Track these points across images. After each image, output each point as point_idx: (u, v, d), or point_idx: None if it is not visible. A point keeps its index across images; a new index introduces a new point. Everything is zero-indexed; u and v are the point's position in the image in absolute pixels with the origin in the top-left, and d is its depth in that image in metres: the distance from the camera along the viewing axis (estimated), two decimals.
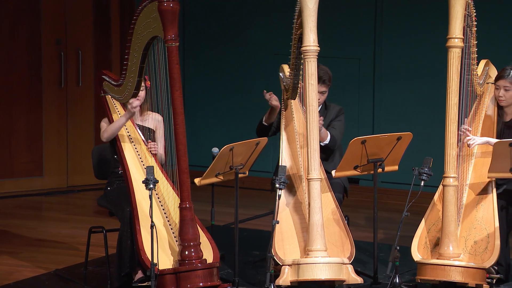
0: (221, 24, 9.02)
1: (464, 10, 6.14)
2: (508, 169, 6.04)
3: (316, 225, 6.10)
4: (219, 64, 9.06)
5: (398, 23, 8.38)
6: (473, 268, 6.02)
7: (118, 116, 6.31)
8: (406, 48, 8.35)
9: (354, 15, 8.52)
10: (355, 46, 8.52)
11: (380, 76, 8.48)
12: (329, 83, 6.58)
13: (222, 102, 9.06)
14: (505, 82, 6.33)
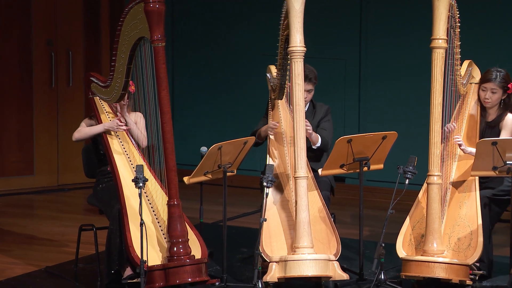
0: (209, 25, 9.02)
1: (447, 11, 6.16)
2: (490, 168, 6.07)
3: (303, 222, 6.11)
4: (207, 64, 9.06)
5: (383, 24, 8.40)
6: (456, 265, 6.04)
7: (107, 116, 6.32)
8: (391, 49, 8.37)
9: (340, 16, 8.53)
10: (341, 47, 8.53)
11: (365, 76, 8.50)
12: (315, 81, 6.59)
13: (210, 101, 9.06)
14: (493, 85, 6.35)
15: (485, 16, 8.03)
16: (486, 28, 8.02)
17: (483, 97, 6.40)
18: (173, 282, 5.85)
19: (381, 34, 8.40)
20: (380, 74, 8.44)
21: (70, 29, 8.75)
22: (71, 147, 8.70)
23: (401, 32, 8.30)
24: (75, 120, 8.76)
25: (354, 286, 6.16)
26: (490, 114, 6.46)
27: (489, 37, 8.00)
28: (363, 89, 8.50)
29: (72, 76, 8.77)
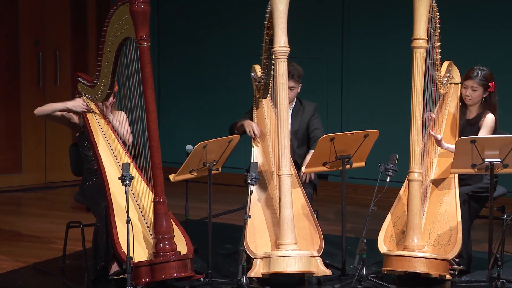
0: (195, 25, 9.01)
1: (428, 12, 6.18)
2: (469, 165, 6.09)
3: (287, 219, 6.12)
4: (193, 63, 9.06)
5: (365, 25, 8.42)
6: (436, 260, 6.07)
7: (93, 116, 6.31)
8: (372, 49, 8.39)
9: (323, 16, 8.55)
10: (324, 47, 8.55)
11: (347, 76, 8.52)
12: (298, 79, 6.60)
13: (196, 100, 9.06)
14: (473, 83, 6.38)
15: (466, 18, 8.06)
16: (467, 29, 8.05)
17: (464, 94, 6.43)
18: (159, 278, 5.86)
19: (363, 34, 8.42)
20: (362, 73, 8.46)
21: (57, 30, 8.73)
22: (59, 146, 8.68)
23: (383, 33, 8.32)
24: None
25: (337, 281, 6.17)
26: (471, 112, 6.49)
27: (469, 38, 8.03)
28: (345, 88, 8.52)
29: (59, 75, 8.75)
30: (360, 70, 8.46)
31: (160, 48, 9.07)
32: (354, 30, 8.44)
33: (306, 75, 6.75)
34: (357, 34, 8.44)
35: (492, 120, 6.37)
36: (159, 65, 9.11)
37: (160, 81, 9.08)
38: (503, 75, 7.80)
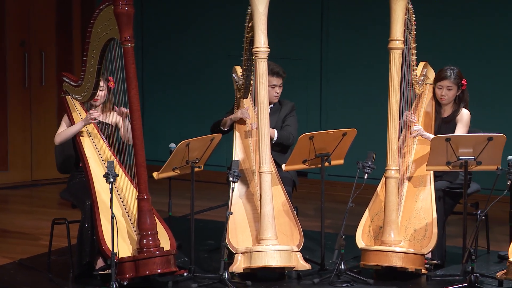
0: (178, 27, 9.00)
1: (404, 14, 6.21)
2: (444, 163, 6.12)
3: (267, 215, 6.13)
4: (176, 64, 9.05)
5: (344, 26, 8.44)
6: (412, 254, 6.09)
7: (78, 115, 6.29)
8: (351, 50, 8.41)
9: (302, 18, 8.56)
10: (303, 48, 8.56)
11: (326, 75, 8.54)
12: (284, 74, 6.61)
13: (179, 100, 9.06)
14: (448, 83, 6.41)
15: (441, 20, 8.10)
16: (442, 29, 8.08)
17: (440, 95, 6.45)
18: (143, 273, 5.85)
19: (341, 36, 8.44)
20: (340, 73, 8.48)
21: (42, 31, 8.70)
22: (44, 144, 8.65)
23: (361, 34, 8.35)
24: (48, 118, 8.73)
25: (316, 275, 6.18)
26: (445, 110, 6.53)
27: (444, 39, 8.07)
28: (324, 88, 8.54)
29: (45, 76, 8.72)
30: (338, 70, 8.49)
31: (144, 48, 9.06)
32: (333, 31, 8.46)
33: (286, 75, 6.76)
34: (335, 35, 8.46)
35: (467, 115, 6.42)
36: (143, 65, 9.10)
37: (143, 81, 9.06)
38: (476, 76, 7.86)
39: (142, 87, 8.95)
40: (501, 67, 7.93)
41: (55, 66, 8.74)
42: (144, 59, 9.10)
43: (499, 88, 7.94)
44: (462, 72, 6.47)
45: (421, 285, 6.07)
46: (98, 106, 6.22)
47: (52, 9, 8.73)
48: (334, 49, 8.46)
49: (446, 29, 8.07)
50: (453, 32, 8.05)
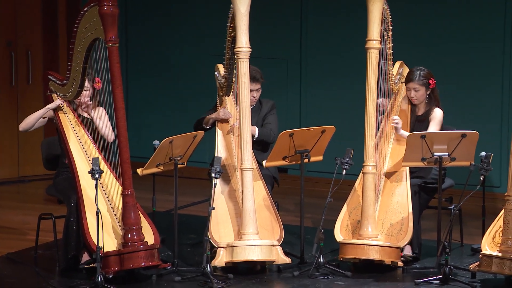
0: (161, 26, 8.98)
1: (381, 15, 6.23)
2: (420, 159, 6.15)
3: (249, 210, 6.13)
4: (159, 63, 9.03)
5: (322, 27, 8.45)
6: (389, 247, 6.12)
7: (64, 113, 6.27)
8: (329, 50, 8.43)
9: (282, 19, 8.57)
10: (283, 48, 8.57)
11: (306, 75, 8.55)
12: (262, 80, 6.62)
13: (162, 98, 9.04)
14: (414, 84, 6.44)
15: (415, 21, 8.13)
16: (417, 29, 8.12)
17: (410, 96, 6.50)
18: (127, 267, 5.84)
19: (320, 36, 8.45)
20: (319, 73, 8.50)
21: (29, 31, 8.67)
22: (31, 142, 8.62)
23: (339, 34, 8.36)
24: None
25: (296, 268, 6.20)
26: (419, 109, 6.56)
27: (419, 39, 8.10)
28: (303, 87, 8.55)
29: (32, 75, 8.70)
30: (317, 69, 8.50)
31: (128, 48, 9.03)
32: (312, 32, 8.48)
33: (266, 74, 6.77)
34: (314, 35, 8.47)
35: (440, 113, 6.45)
36: (127, 64, 9.07)
37: (128, 79, 9.04)
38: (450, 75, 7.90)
39: (126, 85, 8.92)
40: (474, 68, 7.97)
41: (41, 65, 8.72)
42: (128, 58, 9.07)
43: (473, 87, 7.98)
44: (434, 72, 6.49)
45: (397, 277, 6.09)
46: (54, 105, 6.22)
47: (38, 10, 8.71)
48: (313, 48, 8.48)
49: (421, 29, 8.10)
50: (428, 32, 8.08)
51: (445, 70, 6.88)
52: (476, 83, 7.96)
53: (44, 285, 5.92)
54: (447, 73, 7.51)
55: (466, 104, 7.94)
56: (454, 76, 7.88)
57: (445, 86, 6.57)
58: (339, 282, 6.00)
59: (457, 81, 7.92)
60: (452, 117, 6.73)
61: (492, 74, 7.88)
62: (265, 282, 6.01)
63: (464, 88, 7.96)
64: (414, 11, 8.09)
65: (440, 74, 6.54)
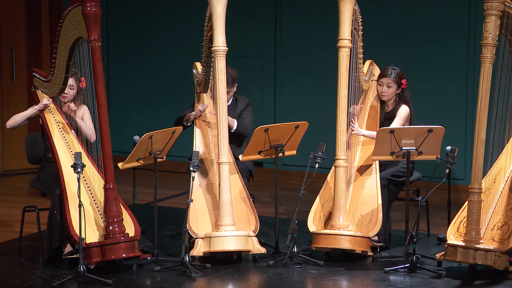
0: (142, 26, 8.96)
1: (351, 16, 6.26)
2: (389, 153, 6.19)
3: (226, 203, 6.14)
4: (140, 61, 9.01)
5: (296, 26, 8.47)
6: (359, 237, 6.15)
7: (49, 110, 6.25)
8: (303, 48, 8.45)
9: (257, 18, 8.57)
10: (258, 46, 8.58)
11: (280, 73, 8.57)
12: (232, 84, 6.59)
13: (142, 95, 9.02)
14: (388, 80, 6.48)
15: (383, 20, 8.17)
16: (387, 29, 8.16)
17: (380, 91, 6.52)
18: (109, 258, 5.84)
19: (294, 35, 8.47)
20: (293, 71, 8.52)
21: (13, 30, 8.61)
22: (15, 136, 8.57)
23: (312, 33, 8.38)
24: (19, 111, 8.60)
25: (271, 258, 6.21)
26: (388, 107, 6.60)
27: (388, 39, 8.14)
28: (278, 84, 8.56)
29: (16, 72, 8.65)
30: (291, 67, 8.52)
31: (109, 47, 9.00)
32: (286, 32, 8.49)
33: (242, 72, 6.77)
34: (288, 35, 8.49)
35: (405, 111, 6.48)
36: (109, 62, 9.04)
37: (109, 77, 9.01)
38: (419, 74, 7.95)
39: (107, 83, 8.90)
40: (439, 65, 8.02)
41: (25, 64, 8.67)
42: (109, 56, 9.04)
43: (439, 83, 8.04)
44: (405, 71, 6.53)
45: (367, 265, 6.13)
46: (44, 106, 6.19)
47: (21, 10, 8.66)
48: (287, 47, 8.49)
49: (389, 29, 8.14)
50: (395, 31, 8.13)
51: (412, 68, 6.92)
52: (442, 80, 8.02)
53: (29, 275, 5.89)
54: (414, 70, 7.55)
55: (432, 100, 8.00)
56: (420, 73, 7.93)
57: (412, 83, 6.60)
58: (312, 271, 6.03)
59: (423, 78, 7.96)
60: (420, 113, 6.77)
61: (457, 71, 7.94)
62: (241, 271, 6.02)
63: (431, 84, 8.02)
64: (382, 11, 8.13)
65: (407, 71, 6.57)
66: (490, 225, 5.93)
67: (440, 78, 8.02)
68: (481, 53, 5.83)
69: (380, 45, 7.97)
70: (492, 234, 5.89)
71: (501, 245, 5.83)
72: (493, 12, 5.78)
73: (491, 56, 5.82)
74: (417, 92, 6.82)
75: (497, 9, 5.77)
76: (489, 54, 5.81)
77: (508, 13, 5.83)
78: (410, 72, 6.62)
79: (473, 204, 5.86)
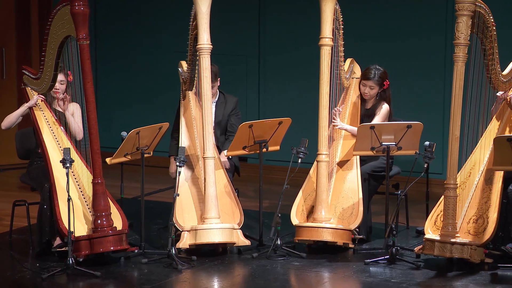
0: (129, 25, 8.94)
1: (333, 15, 6.27)
2: (369, 148, 6.21)
3: (211, 196, 6.15)
4: (127, 60, 8.99)
5: (279, 25, 8.48)
6: (341, 230, 6.17)
7: (39, 107, 6.23)
8: (286, 46, 8.46)
9: (242, 17, 8.58)
10: (243, 45, 8.58)
11: (264, 70, 8.57)
12: (215, 78, 6.57)
13: (130, 92, 9.01)
14: (371, 83, 6.49)
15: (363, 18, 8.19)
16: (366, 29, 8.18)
17: (363, 91, 6.54)
18: (97, 250, 5.83)
19: (277, 33, 8.47)
20: (276, 68, 8.52)
21: (3, 29, 8.58)
22: (5, 133, 8.48)
23: (295, 32, 8.39)
24: (9, 108, 8.55)
25: (255, 250, 6.22)
26: (368, 103, 6.62)
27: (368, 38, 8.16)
28: (262, 81, 8.57)
29: (6, 70, 8.61)
30: (275, 65, 8.52)
31: (98, 45, 8.98)
32: (270, 30, 8.50)
33: (227, 69, 6.78)
34: (272, 33, 8.50)
35: (386, 109, 6.51)
36: (97, 60, 9.02)
37: (97, 74, 8.99)
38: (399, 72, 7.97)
39: (96, 80, 8.87)
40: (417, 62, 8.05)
41: (15, 61, 8.64)
42: (98, 54, 9.02)
43: (417, 80, 8.07)
44: (384, 68, 6.55)
45: (349, 257, 6.15)
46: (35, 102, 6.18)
47: (11, 8, 8.62)
48: (271, 45, 8.50)
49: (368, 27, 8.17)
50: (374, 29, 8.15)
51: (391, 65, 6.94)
52: (420, 77, 8.05)
53: (19, 267, 5.88)
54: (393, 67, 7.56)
55: (411, 97, 8.03)
56: (399, 70, 7.95)
57: (391, 80, 6.63)
58: (295, 263, 6.05)
59: (402, 74, 7.99)
60: (398, 109, 6.80)
61: (435, 68, 7.97)
62: (226, 264, 6.03)
63: (409, 81, 8.05)
64: (362, 10, 8.15)
65: (387, 68, 6.60)
66: (466, 218, 5.97)
67: (419, 75, 8.05)
68: (454, 53, 5.85)
69: (360, 41, 7.99)
70: (468, 227, 5.93)
71: (477, 238, 5.87)
72: (464, 12, 5.81)
73: (464, 56, 5.85)
74: (396, 89, 6.84)
75: (468, 10, 5.80)
76: (461, 54, 5.84)
77: (479, 12, 5.86)
78: (390, 70, 6.64)
79: (449, 199, 5.89)
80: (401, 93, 7.76)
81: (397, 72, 7.85)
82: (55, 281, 5.65)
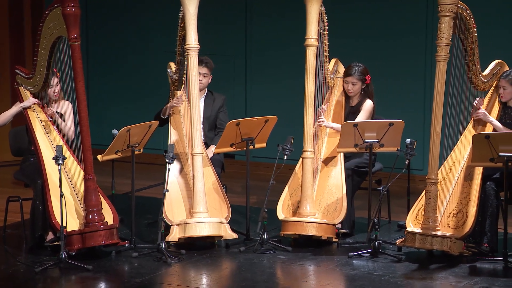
0: (120, 26, 8.93)
1: (318, 16, 6.29)
2: (352, 145, 6.23)
3: (199, 191, 6.16)
4: (118, 60, 8.98)
5: (266, 25, 8.49)
6: (325, 224, 6.20)
7: (32, 107, 6.22)
8: (272, 46, 8.47)
9: (229, 18, 8.58)
10: (230, 45, 8.59)
11: (250, 70, 8.59)
12: (211, 68, 6.58)
13: (120, 91, 9.00)
14: (352, 79, 6.52)
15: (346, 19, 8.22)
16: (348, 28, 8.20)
17: (347, 88, 6.57)
18: (89, 245, 5.84)
19: (264, 34, 8.48)
20: (263, 68, 8.54)
21: None
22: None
23: (281, 32, 8.40)
24: (2, 107, 8.53)
25: (242, 244, 6.24)
26: (353, 101, 6.65)
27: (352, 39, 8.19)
28: (249, 81, 8.58)
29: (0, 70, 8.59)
30: (261, 65, 8.54)
31: (89, 45, 8.96)
32: (256, 31, 8.51)
33: (214, 69, 6.78)
34: (258, 33, 8.51)
35: (370, 105, 6.54)
36: (88, 60, 9.00)
37: (89, 74, 8.98)
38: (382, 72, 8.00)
39: (87, 78, 8.86)
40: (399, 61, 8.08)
41: (8, 61, 8.61)
42: (89, 54, 9.00)
43: (399, 79, 8.10)
44: (369, 68, 6.58)
45: (333, 251, 6.18)
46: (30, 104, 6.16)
47: (4, 10, 8.60)
48: (258, 46, 8.51)
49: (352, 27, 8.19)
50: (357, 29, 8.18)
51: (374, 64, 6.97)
52: (401, 75, 8.08)
53: (13, 261, 5.87)
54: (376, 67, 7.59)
55: (393, 95, 8.06)
56: (381, 69, 7.98)
57: (374, 78, 6.66)
58: (281, 256, 6.07)
59: (384, 73, 8.02)
60: (381, 107, 6.83)
61: (416, 67, 8.01)
62: (214, 257, 6.04)
63: (391, 80, 8.08)
64: (346, 11, 8.18)
65: (370, 68, 6.62)
66: (446, 212, 6.01)
67: (400, 73, 8.08)
68: (436, 52, 5.89)
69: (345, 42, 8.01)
70: (448, 221, 5.97)
71: (456, 232, 5.91)
72: (446, 13, 5.84)
73: (446, 55, 5.89)
74: (378, 88, 6.87)
75: (451, 11, 5.84)
76: (443, 53, 5.88)
77: (460, 14, 5.90)
78: (372, 69, 6.66)
79: (430, 193, 5.92)
80: (383, 92, 7.79)
81: (380, 71, 7.87)
82: (48, 275, 5.65)
